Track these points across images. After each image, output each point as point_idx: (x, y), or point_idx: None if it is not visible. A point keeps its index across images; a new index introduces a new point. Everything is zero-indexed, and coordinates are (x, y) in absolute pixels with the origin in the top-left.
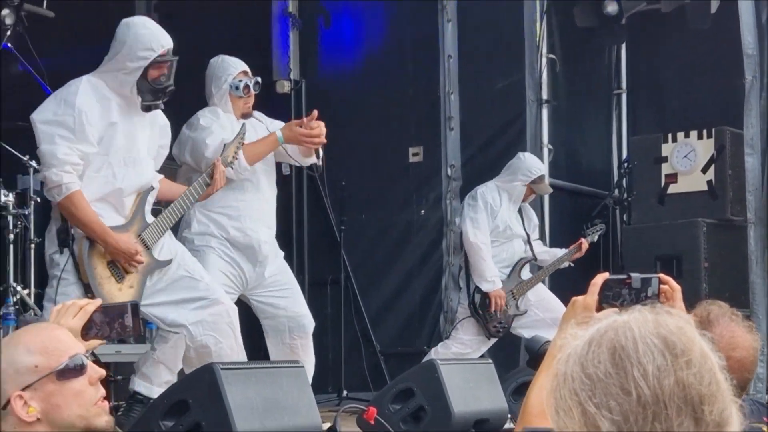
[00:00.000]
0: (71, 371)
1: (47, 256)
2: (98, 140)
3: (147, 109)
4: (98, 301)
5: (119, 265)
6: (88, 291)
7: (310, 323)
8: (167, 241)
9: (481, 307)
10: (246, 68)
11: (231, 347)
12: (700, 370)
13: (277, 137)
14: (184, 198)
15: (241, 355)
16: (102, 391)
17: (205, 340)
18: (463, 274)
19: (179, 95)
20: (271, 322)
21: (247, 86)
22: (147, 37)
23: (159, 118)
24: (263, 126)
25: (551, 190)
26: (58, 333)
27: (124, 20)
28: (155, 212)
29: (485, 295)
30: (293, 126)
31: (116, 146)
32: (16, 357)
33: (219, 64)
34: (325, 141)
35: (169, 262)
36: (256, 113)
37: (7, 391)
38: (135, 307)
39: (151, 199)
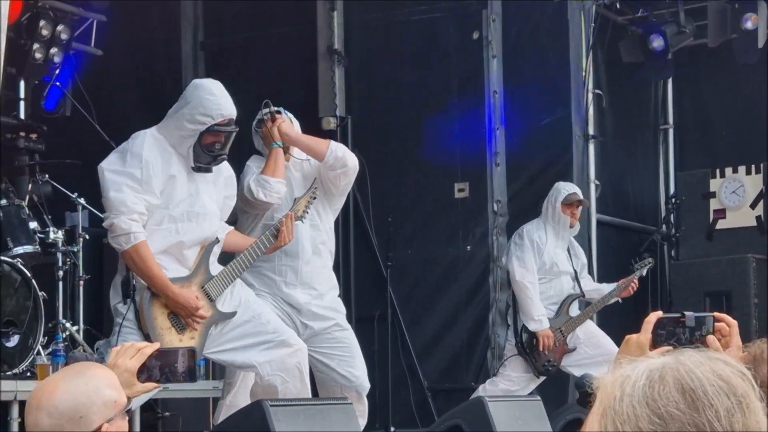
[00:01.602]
0: (129, 410)
1: (113, 307)
2: (160, 193)
3: (196, 170)
4: (156, 345)
5: (180, 317)
6: (148, 341)
7: (363, 385)
8: (234, 289)
9: (529, 346)
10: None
11: (296, 387)
12: (757, 414)
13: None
14: (251, 250)
15: (307, 396)
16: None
17: (273, 380)
18: (511, 311)
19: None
20: (322, 376)
21: (260, 121)
22: (210, 103)
23: (224, 170)
24: (300, 177)
25: (585, 202)
26: (115, 374)
27: (195, 81)
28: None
29: (533, 334)
30: None
31: (177, 199)
32: (101, 390)
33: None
34: None
35: (233, 314)
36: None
37: (96, 422)
38: (191, 352)
39: (217, 250)
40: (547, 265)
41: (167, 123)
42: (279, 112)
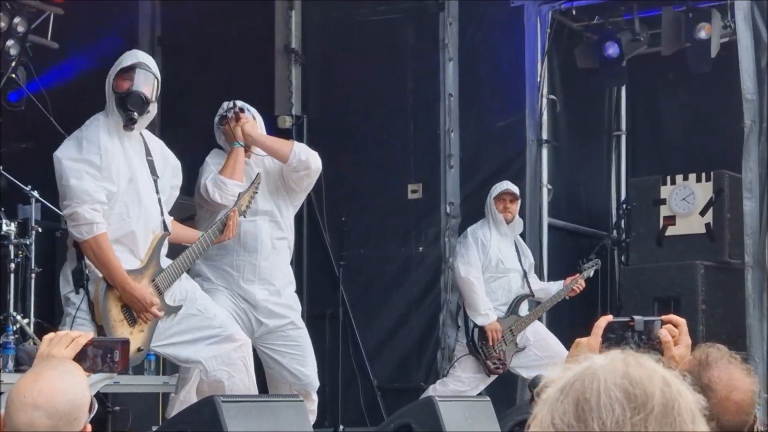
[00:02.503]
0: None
1: (62, 296)
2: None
3: (126, 125)
4: (90, 334)
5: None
6: (101, 332)
7: (312, 383)
8: (180, 282)
9: (481, 345)
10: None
11: (243, 382)
12: (660, 423)
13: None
14: (198, 245)
15: (254, 391)
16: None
17: (219, 375)
18: (462, 312)
19: (185, 130)
20: (272, 372)
21: (222, 117)
22: (119, 59)
23: (170, 159)
24: (260, 159)
25: (516, 189)
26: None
27: None
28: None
29: (483, 332)
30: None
31: (125, 185)
32: (86, 390)
33: None
34: None
35: (179, 308)
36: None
37: (82, 422)
38: (125, 344)
39: (165, 243)
40: (493, 262)
41: (106, 105)
42: (242, 111)
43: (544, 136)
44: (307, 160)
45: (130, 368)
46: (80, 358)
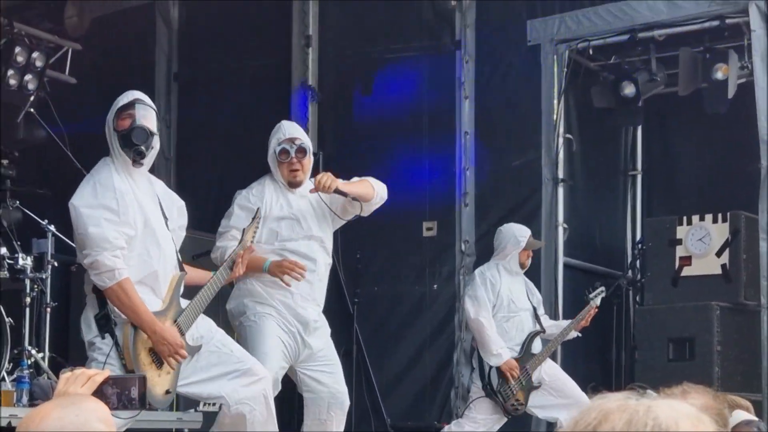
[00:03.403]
0: None
1: (87, 341)
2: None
3: (135, 161)
4: (107, 372)
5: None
6: None
7: (347, 401)
8: (197, 320)
9: (499, 384)
10: (295, 135)
11: (263, 415)
12: None
13: (263, 266)
14: (212, 283)
15: (271, 424)
16: None
17: (240, 409)
18: (476, 354)
19: (200, 165)
20: (312, 395)
21: (285, 151)
22: (115, 102)
23: (175, 199)
24: (307, 200)
25: (541, 243)
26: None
27: None
28: None
29: (501, 373)
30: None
31: (142, 227)
32: (92, 423)
33: (273, 131)
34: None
35: (200, 347)
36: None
37: None
38: (142, 379)
39: (183, 283)
40: (505, 302)
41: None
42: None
43: (560, 175)
44: (385, 194)
45: (147, 404)
46: (97, 396)
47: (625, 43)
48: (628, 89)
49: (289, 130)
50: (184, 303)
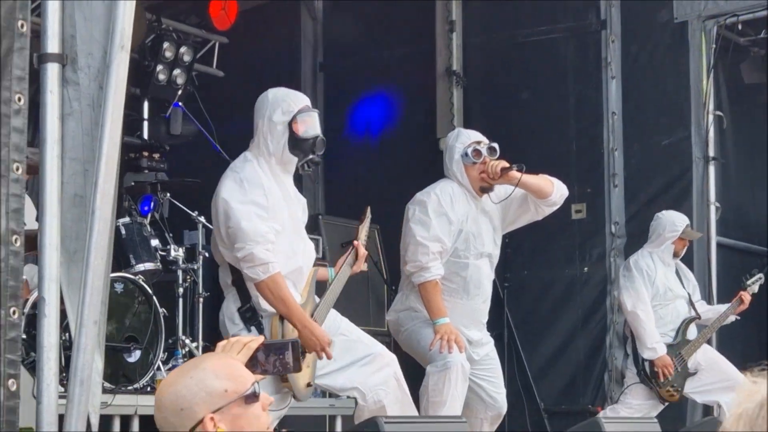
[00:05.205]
0: (253, 397)
1: (231, 335)
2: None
3: (308, 167)
4: (261, 338)
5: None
6: None
7: (503, 407)
8: None
9: (653, 375)
10: (482, 138)
11: (398, 398)
12: None
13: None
14: (340, 279)
15: (408, 405)
16: (270, 417)
17: (377, 396)
18: (630, 341)
19: (348, 155)
20: (470, 395)
21: (477, 152)
22: (286, 96)
23: (299, 196)
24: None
25: (700, 234)
26: (236, 362)
27: (260, 96)
28: None
29: (653, 363)
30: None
31: (286, 221)
32: (206, 381)
33: (453, 137)
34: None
35: (331, 342)
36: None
37: (199, 413)
38: (295, 344)
39: (316, 277)
40: (661, 291)
41: (257, 142)
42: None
43: (711, 153)
44: (565, 192)
45: (300, 367)
46: (252, 362)
47: None
48: None
49: (474, 135)
50: (317, 298)
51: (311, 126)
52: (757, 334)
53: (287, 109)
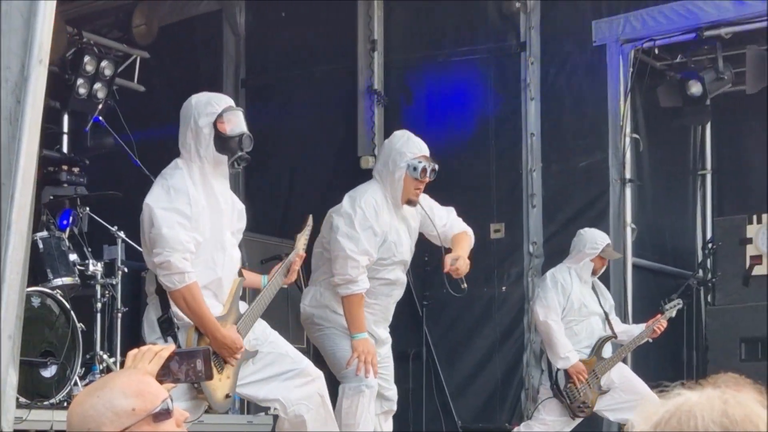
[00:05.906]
0: (164, 414)
1: (148, 343)
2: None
3: (237, 165)
4: (171, 347)
5: (219, 357)
6: None
7: (395, 403)
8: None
9: (566, 388)
10: (427, 153)
11: (321, 414)
12: None
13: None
14: (270, 289)
15: (331, 423)
16: None
17: (297, 410)
18: (545, 356)
19: (267, 170)
20: None
21: (425, 171)
22: (209, 99)
23: (236, 203)
24: (416, 215)
25: (619, 255)
26: (147, 378)
27: (185, 104)
28: None
29: (568, 375)
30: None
31: (209, 233)
32: (114, 401)
33: (403, 141)
34: None
35: (256, 352)
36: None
37: None
38: (206, 352)
39: (242, 288)
40: (576, 306)
41: (187, 149)
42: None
43: (628, 175)
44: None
45: (212, 376)
46: (164, 371)
47: (690, 41)
48: (695, 88)
49: (423, 146)
50: (242, 307)
51: (236, 124)
52: (671, 355)
53: (211, 111)
